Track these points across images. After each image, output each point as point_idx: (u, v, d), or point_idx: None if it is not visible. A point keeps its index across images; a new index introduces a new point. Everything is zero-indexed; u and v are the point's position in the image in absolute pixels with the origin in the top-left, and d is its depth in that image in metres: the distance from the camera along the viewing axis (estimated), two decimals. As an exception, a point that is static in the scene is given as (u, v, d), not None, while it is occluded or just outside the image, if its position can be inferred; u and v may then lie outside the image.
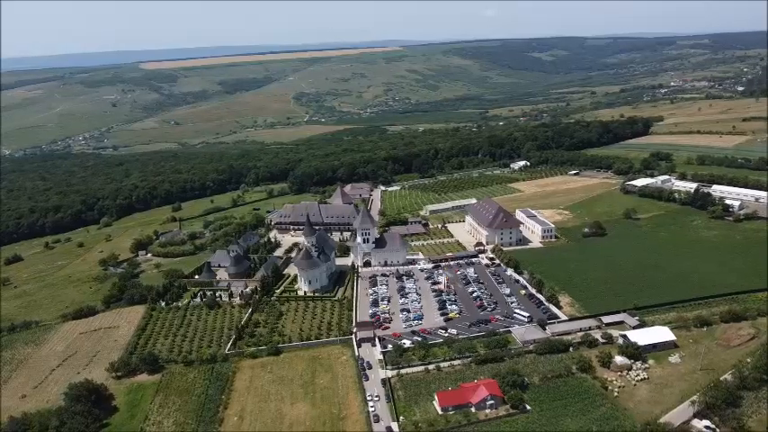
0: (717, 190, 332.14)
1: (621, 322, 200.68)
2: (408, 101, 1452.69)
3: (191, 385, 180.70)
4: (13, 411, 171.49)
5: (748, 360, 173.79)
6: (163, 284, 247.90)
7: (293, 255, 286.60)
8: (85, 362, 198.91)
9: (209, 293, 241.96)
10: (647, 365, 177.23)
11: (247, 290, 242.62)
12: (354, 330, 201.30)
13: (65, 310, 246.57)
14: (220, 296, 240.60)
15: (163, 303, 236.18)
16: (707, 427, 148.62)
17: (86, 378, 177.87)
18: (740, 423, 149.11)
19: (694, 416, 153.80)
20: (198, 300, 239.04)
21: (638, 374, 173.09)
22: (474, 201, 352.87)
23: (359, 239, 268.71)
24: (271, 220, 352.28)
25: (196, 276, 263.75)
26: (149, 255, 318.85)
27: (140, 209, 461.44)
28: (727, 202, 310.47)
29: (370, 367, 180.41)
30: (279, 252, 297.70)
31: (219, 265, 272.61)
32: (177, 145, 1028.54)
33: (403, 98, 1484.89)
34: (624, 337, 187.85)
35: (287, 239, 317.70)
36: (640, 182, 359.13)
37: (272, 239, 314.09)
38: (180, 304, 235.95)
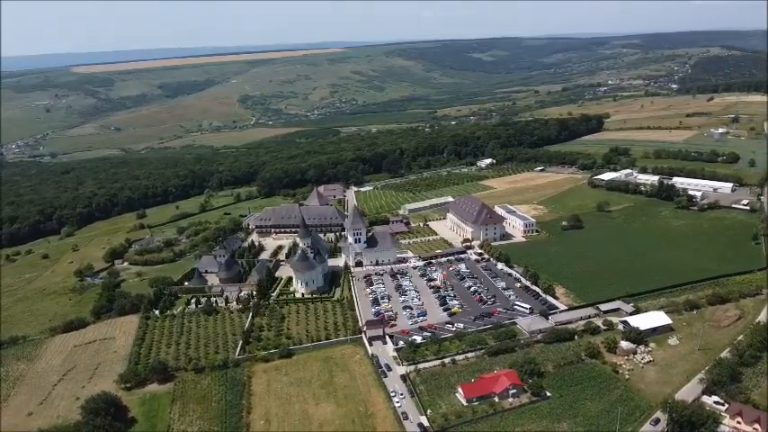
0: (677, 182, 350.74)
1: (618, 309, 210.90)
2: (355, 102, 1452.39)
3: (207, 392, 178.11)
4: (21, 429, 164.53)
5: (740, 338, 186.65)
6: (154, 292, 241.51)
7: (281, 257, 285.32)
8: (88, 375, 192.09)
9: (203, 300, 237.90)
10: (649, 348, 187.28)
11: (242, 294, 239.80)
12: (364, 329, 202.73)
13: (49, 323, 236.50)
14: (215, 302, 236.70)
15: (156, 312, 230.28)
16: (716, 402, 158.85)
17: (99, 390, 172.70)
18: (746, 397, 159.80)
19: (703, 392, 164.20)
20: (193, 306, 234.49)
21: (643, 357, 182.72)
22: (450, 198, 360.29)
23: (350, 240, 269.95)
24: (248, 224, 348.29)
25: (186, 283, 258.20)
26: (126, 263, 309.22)
27: (101, 217, 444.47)
28: (690, 192, 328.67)
29: (390, 369, 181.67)
30: (264, 255, 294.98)
31: (207, 271, 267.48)
32: (120, 151, 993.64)
33: (349, 99, 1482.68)
34: (625, 323, 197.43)
35: (269, 243, 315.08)
36: (606, 176, 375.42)
37: (255, 243, 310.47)
38: (175, 312, 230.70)
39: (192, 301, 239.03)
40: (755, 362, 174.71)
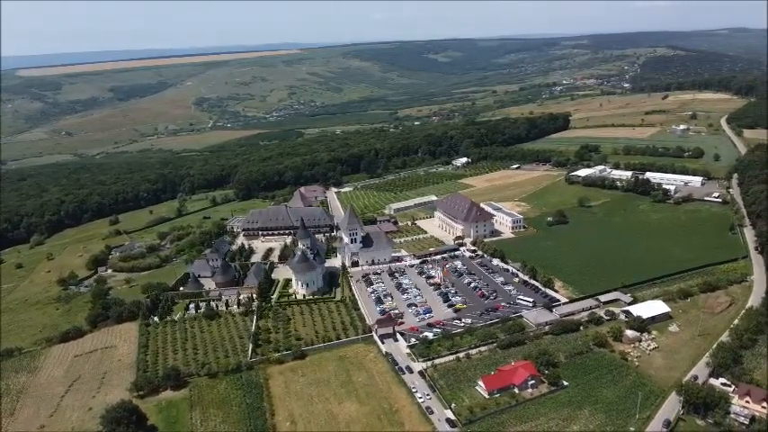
0: (650, 177, 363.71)
1: (617, 300, 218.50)
2: (314, 103, 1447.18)
3: (225, 396, 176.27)
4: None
5: (736, 322, 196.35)
6: (150, 299, 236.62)
7: (275, 260, 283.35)
8: (96, 385, 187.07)
9: (201, 304, 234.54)
10: (652, 336, 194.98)
11: (242, 297, 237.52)
12: (375, 327, 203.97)
13: (40, 334, 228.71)
14: (216, 306, 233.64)
15: (156, 318, 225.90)
16: (723, 384, 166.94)
17: (114, 399, 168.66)
18: (749, 378, 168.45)
19: (710, 375, 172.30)
20: (192, 311, 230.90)
21: (648, 344, 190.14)
22: (434, 197, 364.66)
23: (346, 240, 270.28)
24: (233, 227, 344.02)
25: (181, 288, 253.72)
26: (110, 270, 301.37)
27: (71, 224, 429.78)
28: (665, 187, 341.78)
29: (411, 371, 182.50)
30: (255, 258, 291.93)
31: (200, 275, 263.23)
32: (74, 156, 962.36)
33: (308, 101, 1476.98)
34: (627, 312, 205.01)
35: (258, 245, 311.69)
36: (582, 172, 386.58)
37: (245, 246, 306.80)
38: (175, 318, 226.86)
39: (191, 306, 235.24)
40: (753, 344, 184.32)
